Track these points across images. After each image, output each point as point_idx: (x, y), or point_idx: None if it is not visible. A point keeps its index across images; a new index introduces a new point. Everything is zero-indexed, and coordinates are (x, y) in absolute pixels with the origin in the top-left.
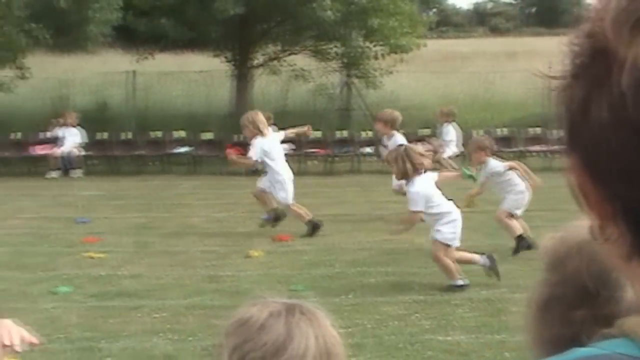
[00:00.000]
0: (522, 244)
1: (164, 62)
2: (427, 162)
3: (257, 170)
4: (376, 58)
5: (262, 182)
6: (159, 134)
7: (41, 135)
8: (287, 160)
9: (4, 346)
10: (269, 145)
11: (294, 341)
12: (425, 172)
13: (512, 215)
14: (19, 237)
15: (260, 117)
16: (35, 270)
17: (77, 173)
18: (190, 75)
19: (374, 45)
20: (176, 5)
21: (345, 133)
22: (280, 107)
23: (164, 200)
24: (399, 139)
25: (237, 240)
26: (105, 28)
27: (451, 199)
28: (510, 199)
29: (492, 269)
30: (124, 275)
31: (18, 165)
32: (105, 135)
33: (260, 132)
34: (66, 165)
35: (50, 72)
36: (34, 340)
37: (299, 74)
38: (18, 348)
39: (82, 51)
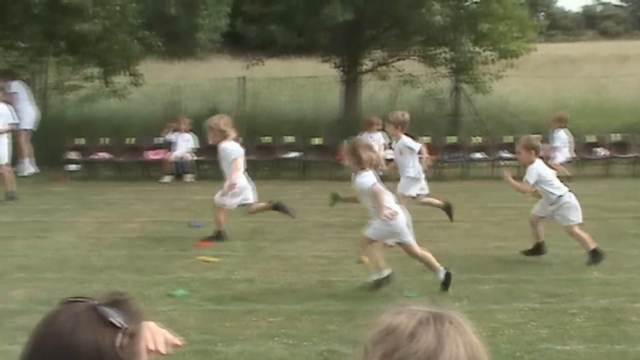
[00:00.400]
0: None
1: (273, 68)
2: (376, 160)
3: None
4: (485, 63)
5: None
6: (269, 139)
7: (155, 141)
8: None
9: (149, 351)
10: None
11: (445, 350)
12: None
13: (578, 226)
14: (135, 241)
15: (226, 121)
16: (152, 273)
17: (190, 178)
18: (299, 81)
19: (484, 50)
20: (286, 11)
21: (454, 139)
22: (388, 113)
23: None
24: (406, 141)
25: (349, 245)
26: (214, 35)
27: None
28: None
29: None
30: (238, 279)
31: (133, 169)
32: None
33: (225, 137)
34: (179, 169)
35: (162, 79)
36: (177, 342)
37: (407, 79)
38: (163, 350)
39: (192, 58)
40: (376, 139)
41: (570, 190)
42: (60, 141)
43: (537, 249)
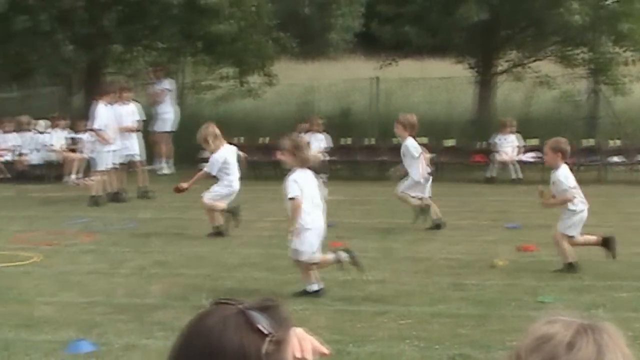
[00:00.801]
0: (570, 270)
1: (405, 69)
2: (313, 159)
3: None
4: (626, 64)
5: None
6: (400, 140)
7: None
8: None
9: (296, 359)
10: None
11: None
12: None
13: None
14: (268, 239)
15: (211, 130)
16: (285, 272)
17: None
18: (432, 82)
19: (624, 51)
20: (420, 11)
21: (591, 141)
22: (523, 115)
23: (401, 206)
24: (410, 143)
25: (481, 248)
26: (347, 35)
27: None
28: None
29: (353, 262)
30: (369, 280)
31: (265, 168)
32: (349, 140)
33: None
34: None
35: (295, 79)
36: (324, 350)
37: (543, 80)
38: (309, 359)
39: (325, 58)
40: (510, 141)
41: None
42: (195, 140)
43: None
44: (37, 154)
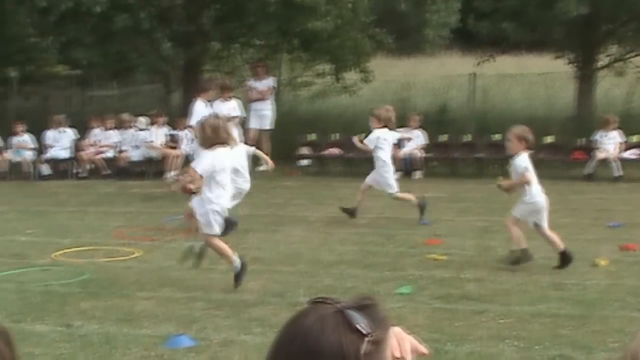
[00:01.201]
0: (519, 257)
1: (502, 64)
2: (231, 141)
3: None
4: None
5: None
6: (499, 136)
7: None
8: None
9: (395, 358)
10: None
11: None
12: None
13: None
14: (364, 237)
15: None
16: (382, 269)
17: (418, 174)
18: (531, 78)
19: None
20: (518, 6)
21: None
22: (624, 111)
23: (504, 204)
24: (378, 133)
25: (582, 247)
26: (443, 31)
27: None
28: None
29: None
30: (467, 278)
31: (362, 165)
32: (445, 137)
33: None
34: (407, 166)
35: (391, 75)
36: (424, 350)
37: None
38: (409, 358)
39: (421, 54)
40: (611, 137)
41: None
42: (292, 137)
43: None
44: (137, 151)
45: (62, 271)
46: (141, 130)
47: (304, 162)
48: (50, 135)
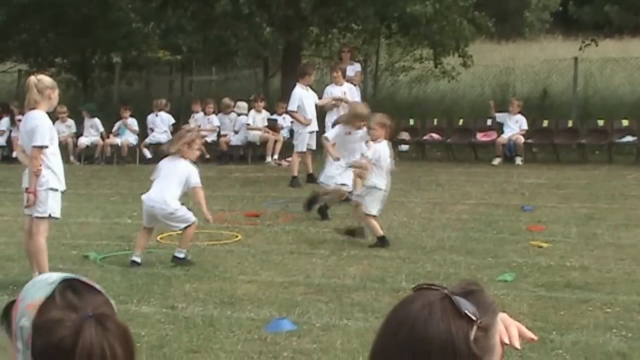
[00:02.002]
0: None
1: (605, 49)
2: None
3: None
4: None
5: None
6: (602, 122)
7: (486, 122)
8: None
9: (503, 344)
10: None
11: None
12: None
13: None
14: (465, 223)
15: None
16: (484, 256)
17: (519, 160)
18: (635, 62)
19: None
20: None
21: None
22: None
23: (609, 190)
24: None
25: None
26: (544, 14)
27: None
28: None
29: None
30: (572, 266)
31: (462, 151)
32: (546, 123)
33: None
34: (509, 152)
35: (490, 60)
36: (532, 336)
37: None
38: (517, 346)
39: (521, 38)
40: None
41: None
42: (392, 122)
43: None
44: (237, 135)
45: (166, 254)
46: (240, 115)
47: (404, 147)
48: (150, 119)
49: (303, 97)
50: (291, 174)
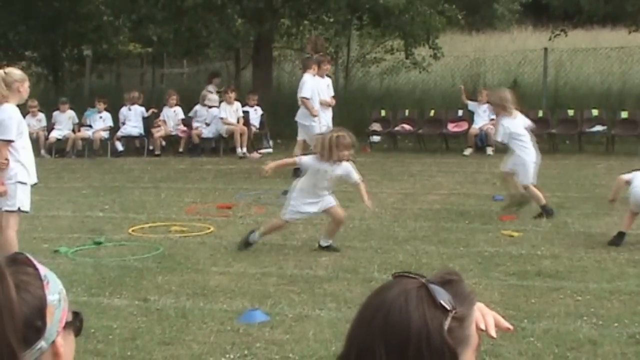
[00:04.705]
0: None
1: (575, 39)
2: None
3: None
4: None
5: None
6: (572, 112)
7: (458, 113)
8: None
9: (479, 330)
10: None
11: None
12: None
13: None
14: (437, 213)
15: None
16: (455, 245)
17: (490, 150)
18: (604, 52)
19: None
20: None
21: None
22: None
23: (579, 180)
24: None
25: None
26: (514, 5)
27: None
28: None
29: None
30: (543, 255)
31: (434, 141)
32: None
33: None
34: (481, 142)
35: (461, 51)
36: (508, 325)
37: None
38: (493, 334)
39: (491, 29)
40: None
41: None
42: (363, 113)
43: None
44: (209, 128)
45: (137, 246)
46: (211, 107)
47: (375, 138)
48: (123, 112)
49: (319, 87)
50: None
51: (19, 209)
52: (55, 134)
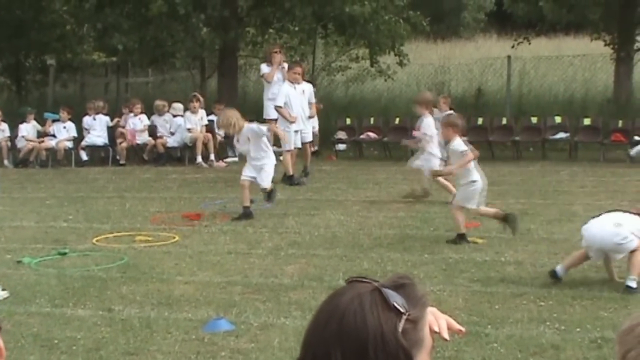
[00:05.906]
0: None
1: (539, 47)
2: None
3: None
4: None
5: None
6: (535, 119)
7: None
8: None
9: (432, 332)
10: None
11: None
12: None
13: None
14: (402, 220)
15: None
16: (420, 252)
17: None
18: (567, 60)
19: None
20: None
21: None
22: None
23: (543, 186)
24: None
25: None
26: (479, 14)
27: None
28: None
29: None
30: (507, 261)
31: (399, 149)
32: (481, 120)
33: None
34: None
35: (426, 59)
36: (460, 328)
37: None
38: (446, 336)
39: (456, 37)
40: None
41: None
42: (328, 121)
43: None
44: (174, 137)
45: (102, 256)
46: (176, 116)
47: (341, 146)
48: (87, 121)
49: (290, 94)
50: (287, 173)
51: None
52: (18, 144)
